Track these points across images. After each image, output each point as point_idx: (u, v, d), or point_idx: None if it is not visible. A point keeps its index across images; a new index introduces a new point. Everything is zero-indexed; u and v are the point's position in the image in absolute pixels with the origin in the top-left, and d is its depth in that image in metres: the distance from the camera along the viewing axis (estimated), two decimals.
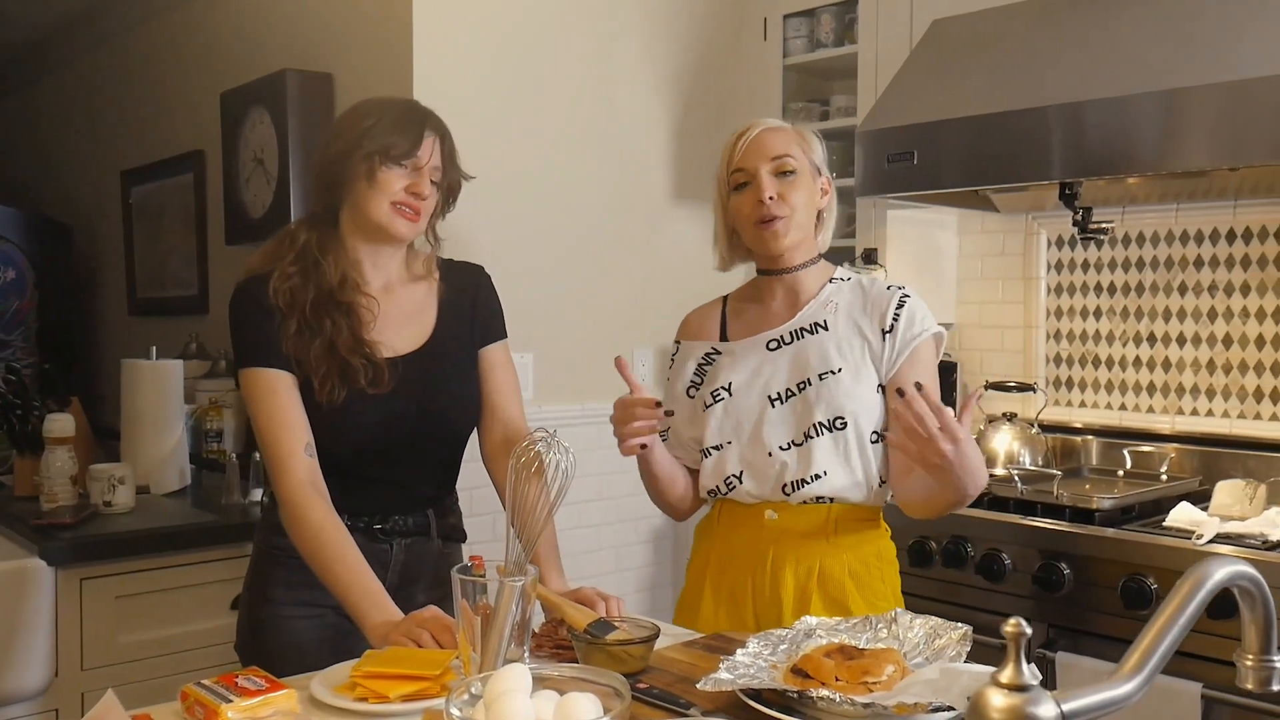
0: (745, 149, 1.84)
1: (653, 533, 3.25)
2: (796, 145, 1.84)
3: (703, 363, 1.93)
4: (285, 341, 1.76)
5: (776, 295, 1.91)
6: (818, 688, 1.17)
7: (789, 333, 1.87)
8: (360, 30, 2.91)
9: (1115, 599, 2.24)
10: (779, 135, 1.85)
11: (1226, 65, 2.18)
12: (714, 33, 3.36)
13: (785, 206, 1.81)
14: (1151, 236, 2.87)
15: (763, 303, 1.93)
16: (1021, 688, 0.62)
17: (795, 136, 1.86)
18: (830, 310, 1.87)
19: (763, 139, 1.84)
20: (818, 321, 1.86)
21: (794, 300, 1.90)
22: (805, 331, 1.86)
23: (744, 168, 1.84)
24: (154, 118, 4.04)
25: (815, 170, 1.86)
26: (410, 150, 1.77)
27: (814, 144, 1.88)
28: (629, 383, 1.76)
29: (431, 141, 1.80)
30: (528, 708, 1.11)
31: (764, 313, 1.92)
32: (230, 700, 1.27)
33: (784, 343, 1.87)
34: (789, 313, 1.89)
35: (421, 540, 1.89)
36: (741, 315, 1.95)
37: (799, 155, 1.84)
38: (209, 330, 3.61)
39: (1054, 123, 2.38)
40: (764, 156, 1.82)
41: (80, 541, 2.35)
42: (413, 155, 1.77)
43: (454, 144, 1.86)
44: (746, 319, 1.94)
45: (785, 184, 1.82)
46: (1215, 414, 2.76)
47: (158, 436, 2.81)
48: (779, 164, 1.82)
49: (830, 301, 1.88)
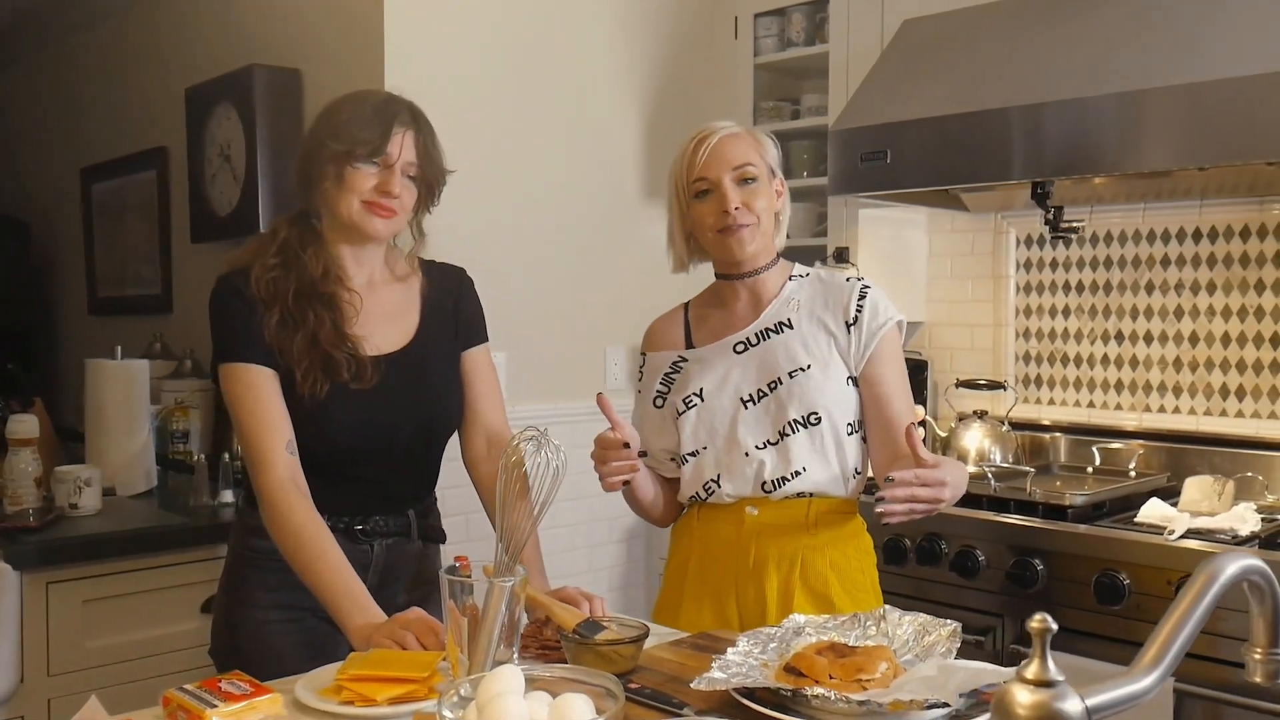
0: (707, 158, 1.83)
1: (625, 532, 3.25)
2: (755, 151, 1.85)
3: (669, 371, 1.94)
4: (267, 332, 1.73)
5: (739, 298, 1.92)
6: (812, 686, 1.17)
7: (754, 334, 1.88)
8: (330, 27, 2.88)
9: (1088, 594, 2.26)
10: (739, 143, 1.84)
11: (1195, 66, 2.21)
12: (685, 31, 3.36)
13: (750, 215, 1.81)
14: (1119, 236, 2.90)
15: (725, 307, 1.94)
16: (1048, 683, 0.62)
17: (753, 142, 1.86)
18: (793, 308, 1.88)
19: (724, 147, 1.83)
20: (782, 321, 1.87)
21: (757, 302, 1.91)
22: (770, 332, 1.87)
23: (706, 176, 1.83)
24: (115, 113, 3.98)
25: (771, 173, 1.87)
26: (377, 148, 1.73)
27: (769, 147, 1.88)
28: (610, 421, 1.73)
29: (402, 137, 1.75)
30: (523, 709, 1.10)
31: (728, 317, 1.93)
32: (215, 705, 1.24)
33: (750, 345, 1.87)
34: (752, 314, 1.90)
35: (402, 541, 1.87)
36: (705, 321, 1.96)
37: (758, 161, 1.84)
38: (173, 330, 3.57)
39: (1026, 122, 2.40)
40: (726, 165, 1.82)
41: (46, 545, 2.30)
42: (381, 153, 1.73)
43: (433, 137, 1.82)
44: (711, 325, 1.94)
45: (748, 192, 1.82)
46: (1182, 411, 2.80)
47: (124, 438, 2.77)
48: (741, 173, 1.82)
49: (792, 299, 1.89)
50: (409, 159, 1.76)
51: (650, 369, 1.98)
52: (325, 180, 1.74)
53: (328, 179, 1.74)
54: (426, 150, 1.79)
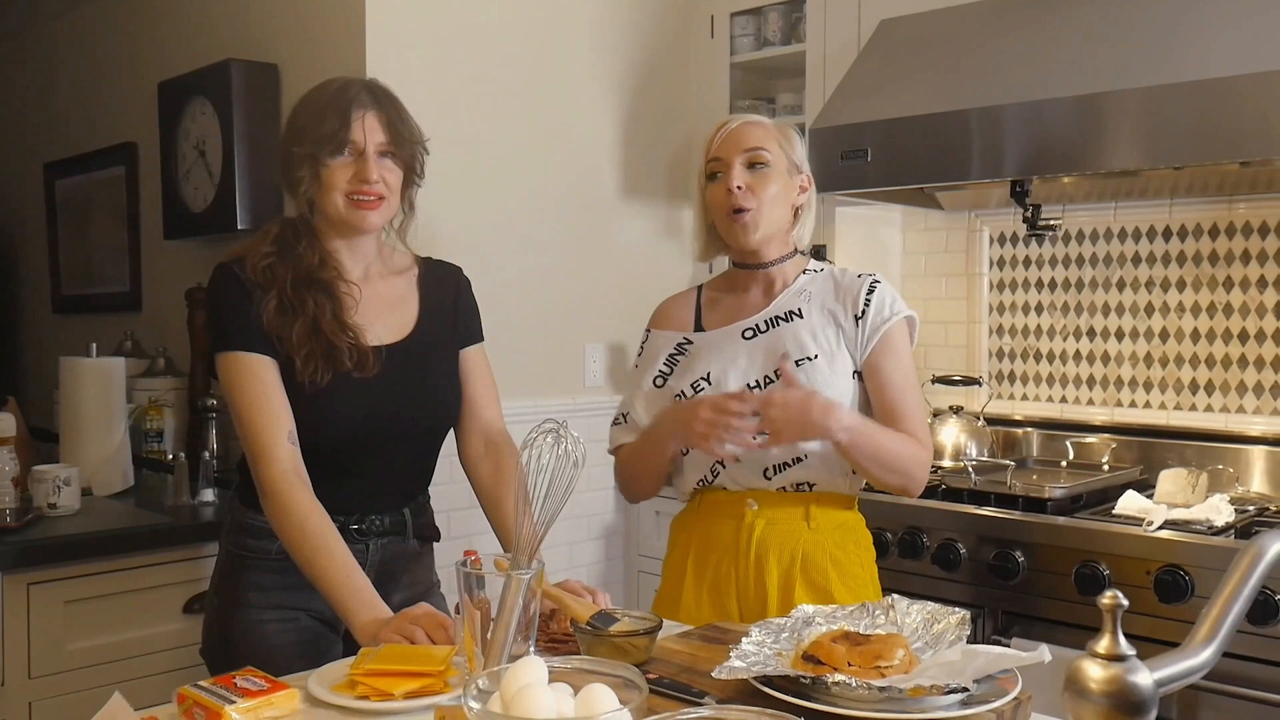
0: (722, 140, 1.87)
1: (604, 529, 3.25)
2: (774, 140, 1.87)
3: (674, 353, 1.95)
4: (266, 318, 1.71)
5: (752, 286, 1.94)
6: (831, 673, 1.19)
7: (764, 321, 1.89)
8: (309, 22, 2.86)
9: (1069, 585, 2.31)
10: (756, 129, 1.87)
11: (1166, 69, 2.26)
12: (662, 30, 3.38)
13: (753, 199, 1.83)
14: (1091, 234, 2.96)
15: (738, 293, 1.96)
16: (1119, 658, 0.65)
17: (775, 132, 1.89)
18: (804, 299, 1.90)
19: (740, 131, 1.87)
20: (792, 310, 1.89)
21: (769, 290, 1.93)
22: (780, 320, 1.89)
23: (719, 157, 1.87)
24: (82, 108, 3.91)
25: (794, 167, 1.89)
26: (342, 139, 1.71)
27: (795, 142, 1.91)
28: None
29: (362, 119, 1.71)
30: (551, 700, 1.10)
31: (739, 303, 1.94)
32: (233, 701, 1.24)
33: (759, 331, 1.89)
34: (764, 302, 1.92)
35: (397, 540, 1.86)
36: (717, 305, 1.97)
37: (775, 150, 1.86)
38: (143, 328, 3.52)
39: (1004, 122, 2.44)
40: (738, 148, 1.85)
41: (26, 546, 2.26)
42: (347, 143, 1.71)
43: (399, 110, 1.77)
44: (722, 308, 1.96)
45: (755, 176, 1.84)
46: (1153, 405, 2.86)
47: (100, 437, 2.73)
48: (752, 155, 1.85)
49: (804, 291, 1.91)
50: (379, 140, 1.73)
51: (653, 346, 1.99)
52: (303, 184, 1.74)
53: (305, 183, 1.74)
54: (394, 125, 1.75)
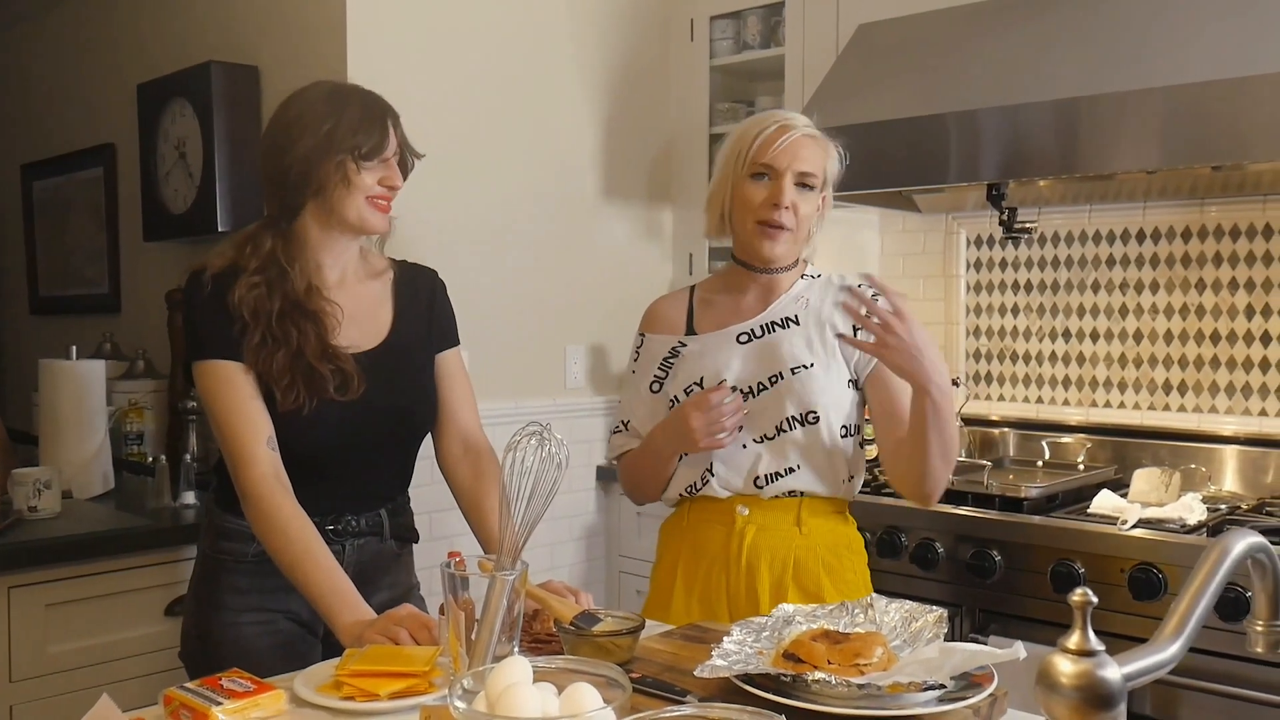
0: (783, 148, 1.82)
1: (585, 530, 3.27)
2: (823, 162, 1.86)
3: (668, 356, 1.94)
4: (247, 354, 1.71)
5: (749, 289, 1.93)
6: (811, 671, 1.21)
7: (760, 326, 1.89)
8: (289, 24, 2.87)
9: (1045, 583, 2.34)
10: (816, 149, 1.85)
11: (1142, 73, 2.29)
12: (642, 33, 3.39)
13: (793, 218, 1.83)
14: (1066, 236, 2.99)
15: (734, 295, 1.94)
16: (1089, 653, 0.67)
17: (826, 152, 1.87)
18: (801, 306, 1.90)
19: (800, 145, 1.83)
20: (789, 316, 1.89)
21: (766, 294, 1.92)
22: (776, 325, 1.88)
23: (774, 165, 1.82)
24: (60, 109, 3.89)
25: (824, 185, 1.88)
26: (381, 147, 1.76)
27: (834, 161, 1.89)
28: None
29: (393, 130, 1.80)
30: (536, 699, 1.12)
31: (735, 305, 1.94)
32: (219, 703, 1.25)
33: (754, 336, 1.89)
34: (760, 306, 1.91)
35: (374, 541, 1.86)
36: (710, 307, 1.96)
37: (820, 174, 1.85)
38: (122, 329, 3.51)
39: (982, 125, 2.47)
40: (795, 164, 1.82)
41: (6, 549, 2.25)
42: (383, 151, 1.76)
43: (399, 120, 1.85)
44: (715, 311, 1.95)
45: (801, 196, 1.84)
46: (1127, 406, 2.90)
47: (80, 439, 2.72)
48: (804, 178, 1.83)
49: (802, 297, 1.91)
50: (394, 148, 1.81)
51: (647, 351, 1.98)
52: (330, 183, 1.73)
53: (334, 183, 1.73)
54: (404, 137, 1.84)
